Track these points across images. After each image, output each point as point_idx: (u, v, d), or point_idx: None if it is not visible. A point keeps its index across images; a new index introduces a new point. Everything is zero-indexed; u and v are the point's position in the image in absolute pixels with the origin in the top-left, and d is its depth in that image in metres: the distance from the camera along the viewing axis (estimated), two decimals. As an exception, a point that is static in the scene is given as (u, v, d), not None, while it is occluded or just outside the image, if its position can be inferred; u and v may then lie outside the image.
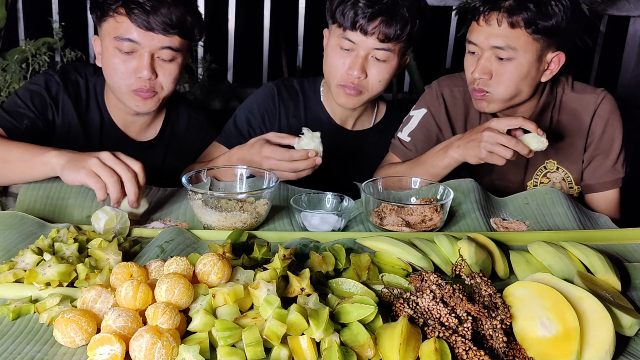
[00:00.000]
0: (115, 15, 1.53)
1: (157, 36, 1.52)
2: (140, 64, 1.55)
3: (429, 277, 0.98)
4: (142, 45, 1.53)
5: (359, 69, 1.64)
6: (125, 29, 1.52)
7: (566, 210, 1.42)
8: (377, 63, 1.66)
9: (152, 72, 1.55)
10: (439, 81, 1.81)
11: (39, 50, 2.70)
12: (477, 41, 1.58)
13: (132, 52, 1.54)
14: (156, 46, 1.54)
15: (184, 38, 1.57)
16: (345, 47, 1.65)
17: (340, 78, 1.69)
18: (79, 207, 1.35)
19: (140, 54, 1.54)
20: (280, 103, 1.85)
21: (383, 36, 1.60)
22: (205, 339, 0.86)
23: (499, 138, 1.43)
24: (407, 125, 1.79)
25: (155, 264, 1.01)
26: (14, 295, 0.99)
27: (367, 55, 1.65)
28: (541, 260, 1.14)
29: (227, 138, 1.82)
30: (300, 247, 1.17)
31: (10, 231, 1.18)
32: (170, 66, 1.58)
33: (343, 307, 0.89)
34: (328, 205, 1.39)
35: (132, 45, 1.53)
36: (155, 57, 1.56)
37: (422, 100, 1.81)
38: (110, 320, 0.85)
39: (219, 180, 1.49)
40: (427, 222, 1.31)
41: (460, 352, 0.85)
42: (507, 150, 1.42)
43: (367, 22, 1.59)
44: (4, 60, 2.66)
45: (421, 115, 1.78)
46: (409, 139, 1.77)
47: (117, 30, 1.53)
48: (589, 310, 0.91)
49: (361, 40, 1.62)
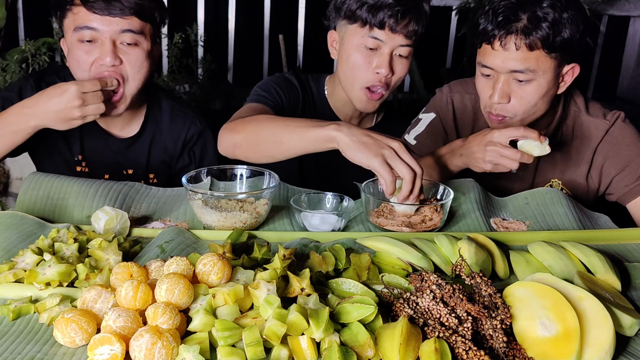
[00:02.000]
0: (71, 8, 1.53)
1: (114, 19, 1.52)
2: (103, 51, 1.54)
3: (429, 277, 0.98)
4: (101, 31, 1.52)
5: (387, 67, 1.64)
6: (83, 18, 1.52)
7: (566, 210, 1.42)
8: (401, 60, 1.67)
9: (115, 58, 1.54)
10: (451, 86, 1.78)
11: (39, 50, 2.70)
12: (493, 65, 1.51)
13: (93, 41, 1.54)
14: (115, 30, 1.53)
15: (143, 20, 1.56)
16: (370, 46, 1.64)
17: (366, 79, 1.68)
18: (79, 207, 1.35)
19: (101, 41, 1.54)
20: (299, 90, 1.83)
21: (411, 33, 1.62)
22: (205, 339, 0.86)
23: (502, 152, 1.43)
24: (414, 128, 1.78)
25: (155, 264, 1.01)
26: (14, 295, 0.99)
27: (392, 53, 1.65)
28: (541, 260, 1.14)
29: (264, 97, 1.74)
30: (300, 247, 1.17)
31: (10, 231, 1.18)
32: (134, 52, 1.57)
33: (343, 307, 0.89)
34: (328, 205, 1.39)
35: (92, 33, 1.53)
36: (118, 44, 1.55)
37: (432, 104, 1.80)
38: (110, 320, 0.85)
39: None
40: (427, 222, 1.31)
41: (460, 352, 0.85)
42: (513, 162, 1.43)
43: (396, 20, 1.59)
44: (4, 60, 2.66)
45: (429, 120, 1.77)
46: (414, 142, 1.76)
47: (76, 21, 1.53)
48: (589, 310, 0.91)
49: (389, 38, 1.62)
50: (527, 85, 1.51)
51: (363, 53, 1.66)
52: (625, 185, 1.62)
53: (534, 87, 1.51)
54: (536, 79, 1.50)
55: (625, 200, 1.64)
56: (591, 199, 1.72)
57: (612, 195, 1.67)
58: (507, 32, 1.46)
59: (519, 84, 1.51)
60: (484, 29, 1.51)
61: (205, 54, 3.16)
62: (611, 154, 1.64)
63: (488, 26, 1.49)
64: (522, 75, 1.49)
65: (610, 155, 1.64)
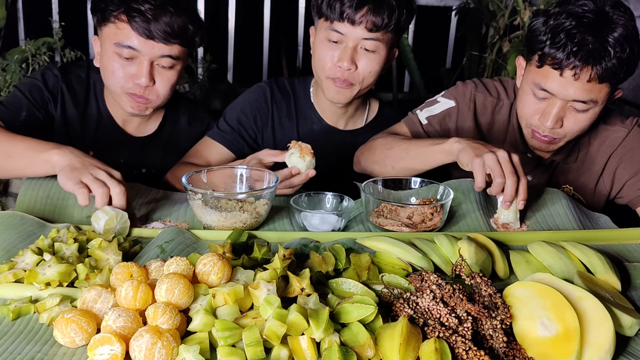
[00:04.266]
0: (116, 22, 1.53)
1: (157, 44, 1.52)
2: (139, 71, 1.55)
3: (429, 277, 0.98)
4: (142, 52, 1.53)
5: (349, 61, 1.63)
6: (126, 36, 1.52)
7: (566, 210, 1.42)
8: (367, 54, 1.65)
9: (150, 80, 1.56)
10: (477, 84, 1.72)
11: (39, 50, 2.70)
12: (556, 92, 1.44)
13: (132, 58, 1.55)
14: (156, 54, 1.54)
15: (184, 47, 1.58)
16: (333, 39, 1.64)
17: (329, 71, 1.67)
18: (79, 207, 1.35)
19: (139, 60, 1.55)
20: (273, 103, 1.84)
21: (371, 25, 1.59)
22: (205, 339, 0.86)
23: (505, 166, 1.31)
24: (428, 108, 1.73)
25: (155, 264, 1.01)
26: (14, 295, 0.99)
27: (356, 47, 1.64)
28: (541, 260, 1.14)
29: (221, 135, 1.81)
30: (300, 247, 1.17)
31: (10, 231, 1.18)
32: (169, 73, 1.59)
33: (343, 307, 0.89)
34: (328, 205, 1.39)
35: (132, 52, 1.53)
36: (155, 65, 1.56)
37: (454, 92, 1.73)
38: (110, 320, 0.85)
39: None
40: (427, 222, 1.31)
41: (460, 352, 0.85)
42: (500, 179, 1.30)
43: (354, 11, 1.58)
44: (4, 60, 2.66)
45: (447, 107, 1.72)
46: (426, 122, 1.71)
47: (118, 36, 1.53)
48: (589, 310, 0.91)
49: (349, 30, 1.61)
50: (583, 114, 1.47)
51: (327, 46, 1.66)
52: (638, 188, 1.60)
53: (589, 115, 1.48)
54: (594, 107, 1.46)
55: (636, 204, 1.62)
56: (602, 203, 1.70)
57: (623, 199, 1.66)
58: (583, 62, 1.38)
59: (575, 111, 1.47)
60: (551, 53, 1.41)
61: (205, 54, 3.15)
62: (625, 158, 1.62)
63: (558, 52, 1.40)
64: (583, 105, 1.45)
65: (624, 159, 1.62)
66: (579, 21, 1.41)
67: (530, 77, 1.50)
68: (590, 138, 1.65)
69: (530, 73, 1.51)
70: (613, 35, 1.39)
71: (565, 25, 1.41)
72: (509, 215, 1.35)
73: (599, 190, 1.68)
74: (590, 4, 1.43)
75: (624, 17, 1.41)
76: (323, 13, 1.64)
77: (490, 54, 3.18)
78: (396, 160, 1.56)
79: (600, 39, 1.38)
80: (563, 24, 1.41)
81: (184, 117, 1.83)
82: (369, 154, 1.66)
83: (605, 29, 1.39)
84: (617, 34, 1.39)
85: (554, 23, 1.43)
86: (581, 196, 1.69)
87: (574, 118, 1.48)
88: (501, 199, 1.34)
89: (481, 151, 1.34)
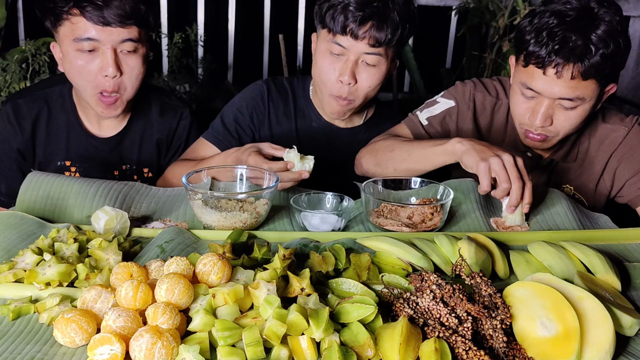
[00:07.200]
0: (69, 17, 1.53)
1: (115, 30, 1.52)
2: (104, 62, 1.55)
3: (429, 277, 0.98)
4: (102, 41, 1.53)
5: (350, 75, 1.63)
6: (83, 29, 1.52)
7: (566, 210, 1.42)
8: (367, 68, 1.64)
9: (116, 69, 1.56)
10: (476, 84, 1.73)
11: (39, 50, 2.70)
12: (541, 90, 1.45)
13: (94, 50, 1.55)
14: (116, 40, 1.54)
15: (141, 27, 1.58)
16: (335, 52, 1.63)
17: (332, 88, 1.67)
18: (79, 207, 1.35)
19: (102, 51, 1.55)
20: (269, 102, 1.84)
21: (374, 41, 1.58)
22: (205, 339, 0.86)
23: (511, 171, 1.31)
24: (428, 109, 1.73)
25: (155, 264, 1.01)
26: (14, 295, 0.99)
27: (357, 60, 1.63)
28: (541, 260, 1.14)
29: (215, 135, 1.81)
30: (300, 247, 1.17)
31: (10, 231, 1.18)
32: (133, 59, 1.59)
33: (343, 307, 0.89)
34: (328, 205, 1.39)
35: (92, 43, 1.53)
36: (118, 53, 1.56)
37: (454, 92, 1.74)
38: (110, 320, 0.85)
39: (216, 179, 1.49)
40: (427, 222, 1.31)
41: (460, 352, 0.85)
42: (506, 184, 1.30)
43: (357, 26, 1.57)
44: (4, 60, 2.66)
45: (447, 107, 1.72)
46: (426, 123, 1.72)
47: (75, 31, 1.53)
48: (589, 310, 0.91)
49: (352, 44, 1.60)
50: (572, 111, 1.47)
51: (328, 59, 1.66)
52: (638, 188, 1.60)
53: (578, 112, 1.48)
54: (583, 105, 1.46)
55: (636, 203, 1.62)
56: (602, 202, 1.70)
57: (623, 198, 1.66)
58: (565, 60, 1.39)
59: (564, 109, 1.47)
60: (534, 52, 1.42)
61: (205, 54, 3.16)
62: (626, 157, 1.61)
63: (541, 51, 1.41)
64: (570, 102, 1.45)
65: (625, 158, 1.62)
66: (562, 19, 1.42)
67: (518, 77, 1.52)
68: (589, 137, 1.65)
69: (518, 72, 1.52)
70: (596, 32, 1.39)
71: (548, 23, 1.42)
72: (516, 217, 1.35)
73: (600, 189, 1.68)
74: (574, 2, 1.44)
75: (608, 12, 1.42)
76: (326, 24, 1.63)
77: (490, 53, 3.18)
78: (398, 163, 1.56)
79: (583, 36, 1.39)
80: (547, 23, 1.43)
81: (155, 107, 1.81)
82: (370, 156, 1.66)
83: (589, 26, 1.40)
84: (601, 30, 1.39)
85: (538, 22, 1.44)
86: (582, 196, 1.69)
87: (564, 115, 1.49)
88: (506, 202, 1.34)
89: (486, 154, 1.33)
